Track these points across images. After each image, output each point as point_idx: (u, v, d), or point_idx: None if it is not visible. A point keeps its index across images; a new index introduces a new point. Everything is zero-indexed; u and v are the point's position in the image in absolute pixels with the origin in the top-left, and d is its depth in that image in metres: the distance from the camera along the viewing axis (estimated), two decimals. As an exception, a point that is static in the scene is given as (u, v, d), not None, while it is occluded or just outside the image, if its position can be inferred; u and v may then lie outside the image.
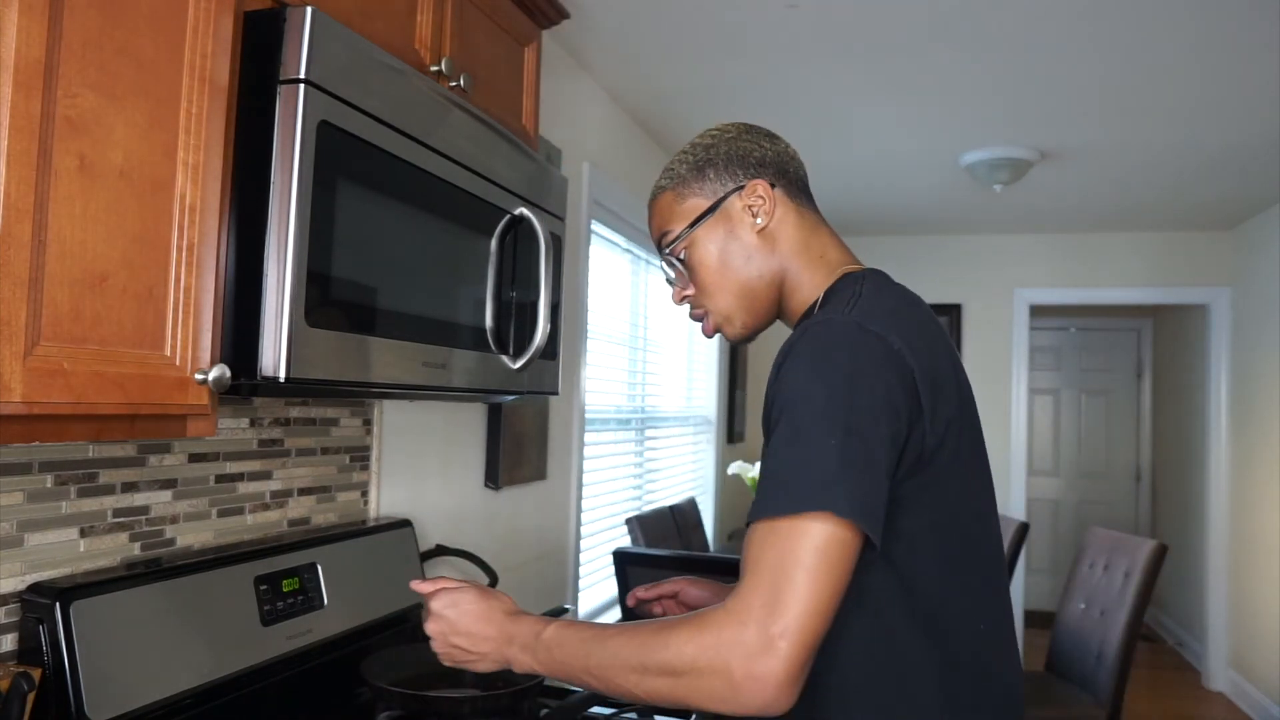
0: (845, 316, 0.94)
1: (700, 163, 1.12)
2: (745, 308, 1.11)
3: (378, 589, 1.62)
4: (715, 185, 1.10)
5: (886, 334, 0.92)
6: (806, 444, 0.87)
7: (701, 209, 1.10)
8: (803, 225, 1.11)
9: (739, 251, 1.09)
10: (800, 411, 0.89)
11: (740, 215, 1.09)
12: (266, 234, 0.99)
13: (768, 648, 0.82)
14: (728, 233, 1.09)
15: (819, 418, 0.88)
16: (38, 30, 0.77)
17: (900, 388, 0.91)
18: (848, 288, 1.03)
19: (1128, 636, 2.90)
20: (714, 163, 1.11)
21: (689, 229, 1.10)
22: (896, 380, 0.91)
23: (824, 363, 0.90)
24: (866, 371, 0.90)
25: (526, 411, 2.39)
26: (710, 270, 1.10)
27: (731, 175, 1.10)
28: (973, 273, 5.24)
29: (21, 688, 0.98)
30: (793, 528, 0.85)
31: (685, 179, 1.12)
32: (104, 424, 0.89)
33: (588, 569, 3.02)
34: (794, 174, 1.13)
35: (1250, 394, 4.61)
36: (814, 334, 0.93)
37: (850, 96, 2.97)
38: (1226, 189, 4.02)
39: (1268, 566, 4.35)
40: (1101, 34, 2.41)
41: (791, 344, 0.94)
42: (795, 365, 0.92)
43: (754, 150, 1.12)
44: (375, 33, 1.24)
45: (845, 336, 0.92)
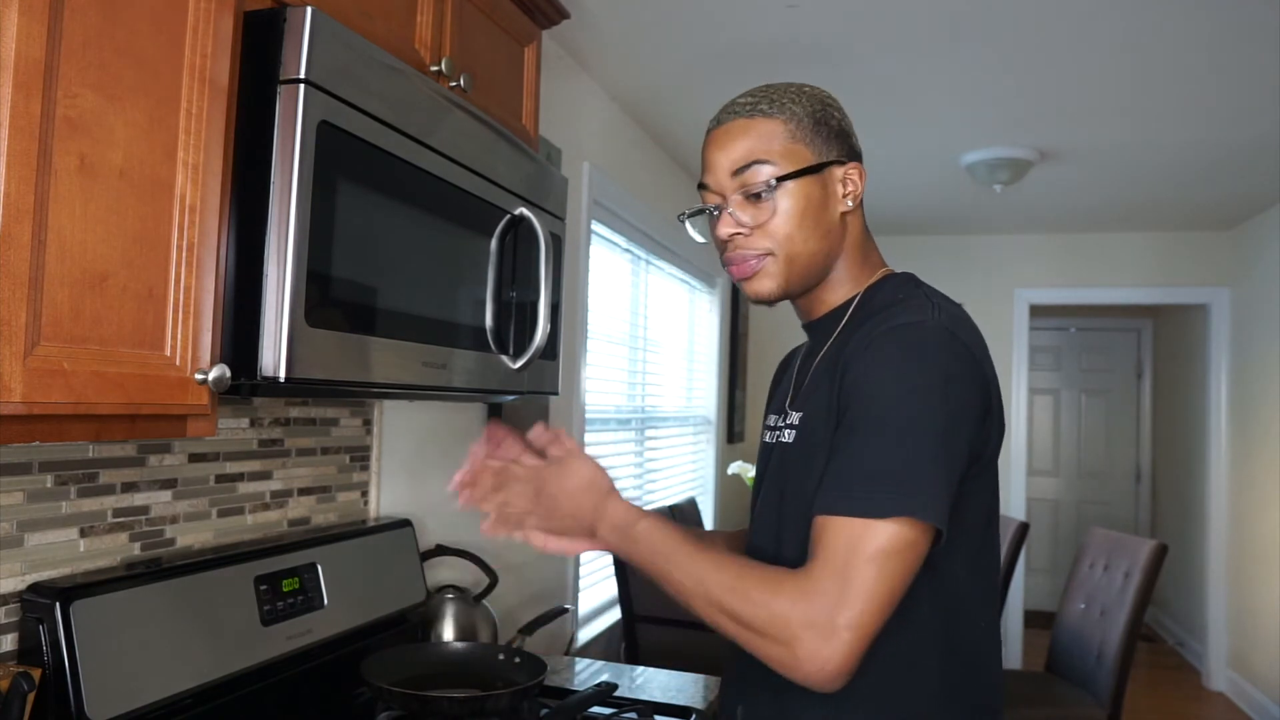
0: (936, 321, 0.97)
1: (819, 117, 1.08)
2: (799, 271, 1.08)
3: (378, 589, 1.62)
4: (825, 148, 1.07)
5: (970, 342, 0.97)
6: (899, 443, 0.90)
7: (808, 161, 1.06)
8: (863, 221, 1.13)
9: (824, 221, 1.07)
10: (894, 408, 0.92)
11: (834, 189, 1.08)
12: (266, 234, 0.99)
13: (832, 634, 0.86)
14: (822, 196, 1.06)
15: (915, 419, 0.91)
16: (38, 30, 0.77)
17: (980, 395, 0.96)
18: (908, 291, 1.06)
19: (1128, 636, 2.90)
20: (830, 125, 1.08)
21: (796, 174, 1.05)
22: (978, 388, 0.96)
23: (921, 364, 0.93)
24: (959, 377, 0.94)
25: (526, 411, 2.39)
26: (794, 222, 1.05)
27: (840, 146, 1.08)
28: (973, 273, 5.24)
29: (21, 688, 0.98)
30: (872, 529, 0.88)
31: (802, 123, 1.07)
32: (104, 424, 0.89)
33: (588, 569, 3.02)
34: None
35: (1250, 394, 4.61)
36: (908, 334, 0.95)
37: (850, 96, 2.96)
38: (1226, 189, 4.02)
39: (1268, 566, 4.35)
40: (1102, 34, 2.41)
41: (874, 338, 0.96)
42: (887, 359, 0.94)
43: (853, 135, 1.12)
44: (375, 33, 1.24)
45: (940, 341, 0.95)
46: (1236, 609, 4.77)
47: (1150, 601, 3.04)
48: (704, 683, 1.81)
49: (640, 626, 2.73)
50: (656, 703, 1.66)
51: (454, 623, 1.79)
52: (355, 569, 1.57)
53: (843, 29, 2.44)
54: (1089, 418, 6.77)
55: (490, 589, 1.89)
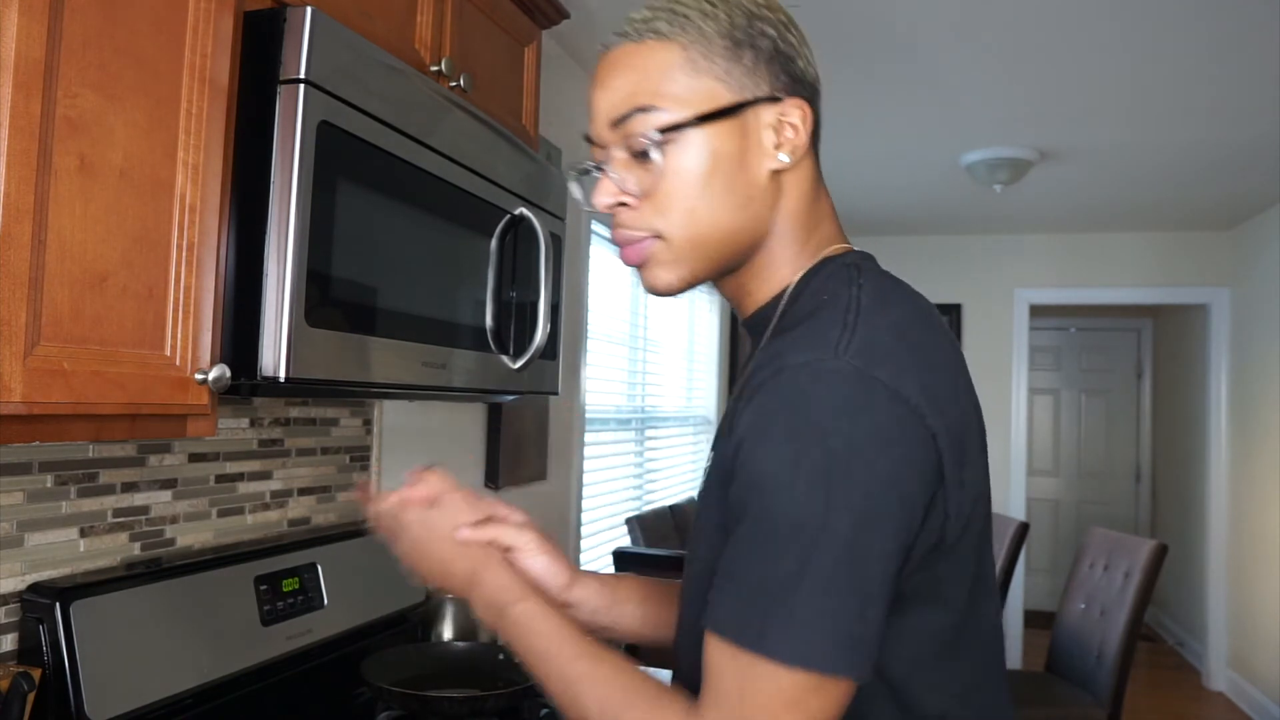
0: (839, 359, 0.66)
1: (739, 35, 0.76)
2: (706, 257, 0.78)
3: (378, 589, 1.62)
4: (745, 79, 0.76)
5: (899, 382, 0.66)
6: (790, 555, 0.64)
7: (719, 103, 0.75)
8: (814, 182, 0.82)
9: (741, 184, 0.76)
10: (779, 503, 0.65)
11: (759, 139, 0.77)
12: (266, 234, 0.99)
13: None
14: (737, 152, 0.76)
15: (802, 524, 0.64)
16: (38, 30, 0.77)
17: (917, 465, 0.66)
18: (838, 292, 0.74)
19: (1128, 636, 2.90)
20: (756, 46, 0.76)
21: (694, 122, 0.75)
22: (913, 455, 0.66)
23: (811, 437, 0.64)
24: (870, 450, 0.64)
25: (526, 411, 2.39)
26: (694, 189, 0.75)
27: (771, 77, 0.77)
28: (973, 273, 5.24)
29: (21, 688, 0.98)
30: (764, 670, 0.64)
31: (710, 45, 0.75)
32: (104, 424, 0.89)
33: (588, 569, 3.02)
34: (818, 111, 0.82)
35: (1250, 394, 4.61)
36: (796, 387, 0.66)
37: (850, 96, 2.96)
38: (1226, 189, 4.02)
39: (1268, 566, 4.35)
40: (1102, 34, 2.41)
41: (761, 387, 0.68)
42: (770, 432, 0.66)
43: (799, 56, 0.79)
44: (375, 33, 1.24)
45: (842, 395, 0.65)
46: (1236, 609, 4.77)
47: (1150, 601, 3.04)
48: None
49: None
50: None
51: (454, 623, 1.79)
52: (355, 569, 1.57)
53: (843, 29, 2.44)
54: (1089, 418, 6.77)
55: (490, 589, 1.88)
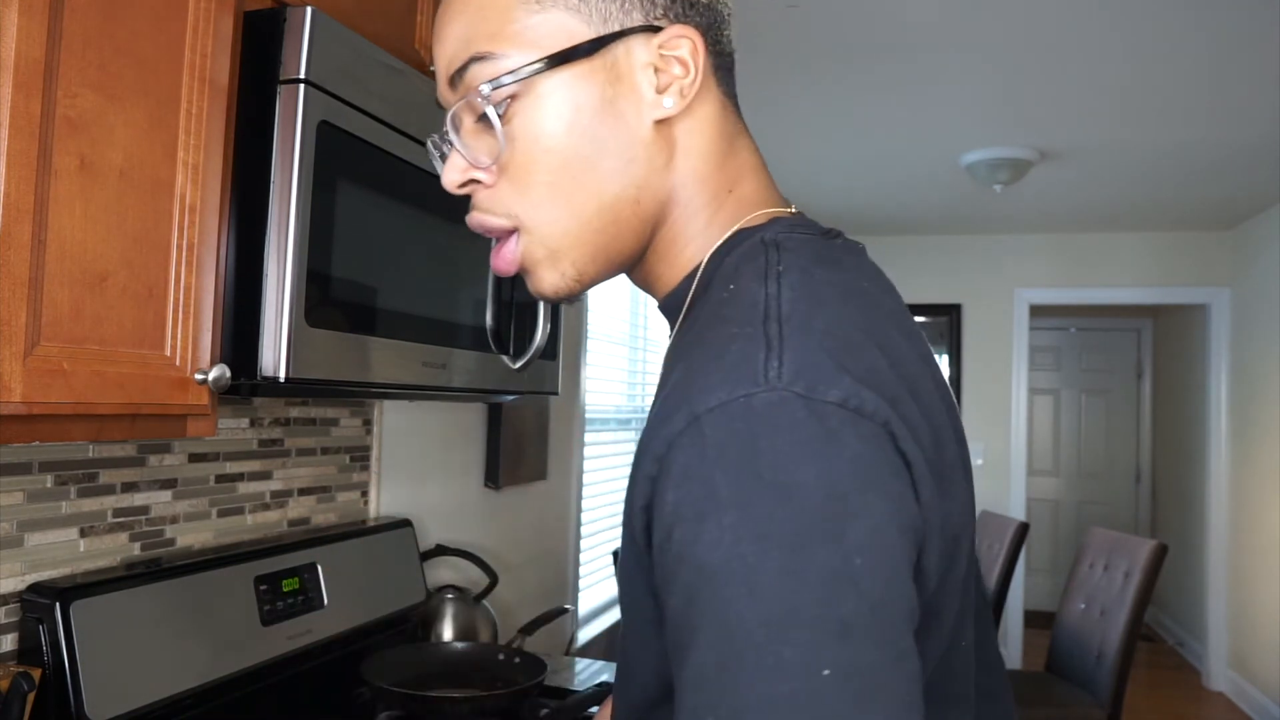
0: (774, 389, 0.48)
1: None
2: (591, 242, 0.62)
3: (378, 589, 1.62)
4: (612, 7, 0.60)
5: (856, 395, 0.49)
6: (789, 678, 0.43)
7: (574, 39, 0.59)
8: (722, 129, 0.64)
9: (616, 140, 0.60)
10: (750, 612, 0.44)
11: (637, 79, 0.60)
12: (266, 234, 0.99)
13: None
14: (605, 101, 0.59)
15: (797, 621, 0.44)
16: (38, 30, 0.77)
17: (898, 495, 0.48)
18: (748, 288, 0.56)
19: (1128, 636, 2.90)
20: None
21: (536, 67, 0.58)
22: (900, 484, 0.49)
23: (772, 499, 0.46)
24: (855, 492, 0.46)
25: (526, 411, 2.39)
26: (551, 157, 0.59)
27: (643, 1, 0.60)
28: (973, 273, 5.24)
29: (21, 688, 0.98)
30: None
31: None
32: (104, 424, 0.89)
33: (588, 569, 3.02)
34: (728, 41, 0.65)
35: (1250, 394, 4.61)
36: (727, 439, 0.47)
37: (850, 96, 2.97)
38: (1226, 189, 4.02)
39: (1268, 566, 4.35)
40: (1102, 34, 2.41)
41: (674, 451, 0.49)
42: (708, 508, 0.47)
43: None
44: (375, 33, 1.24)
45: (795, 434, 0.47)
46: (1236, 609, 4.77)
47: (1150, 601, 3.04)
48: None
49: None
50: (656, 703, 1.65)
51: (454, 623, 1.79)
52: (355, 569, 1.57)
53: (842, 29, 2.44)
54: (1089, 418, 6.77)
55: (490, 589, 1.89)
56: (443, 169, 0.63)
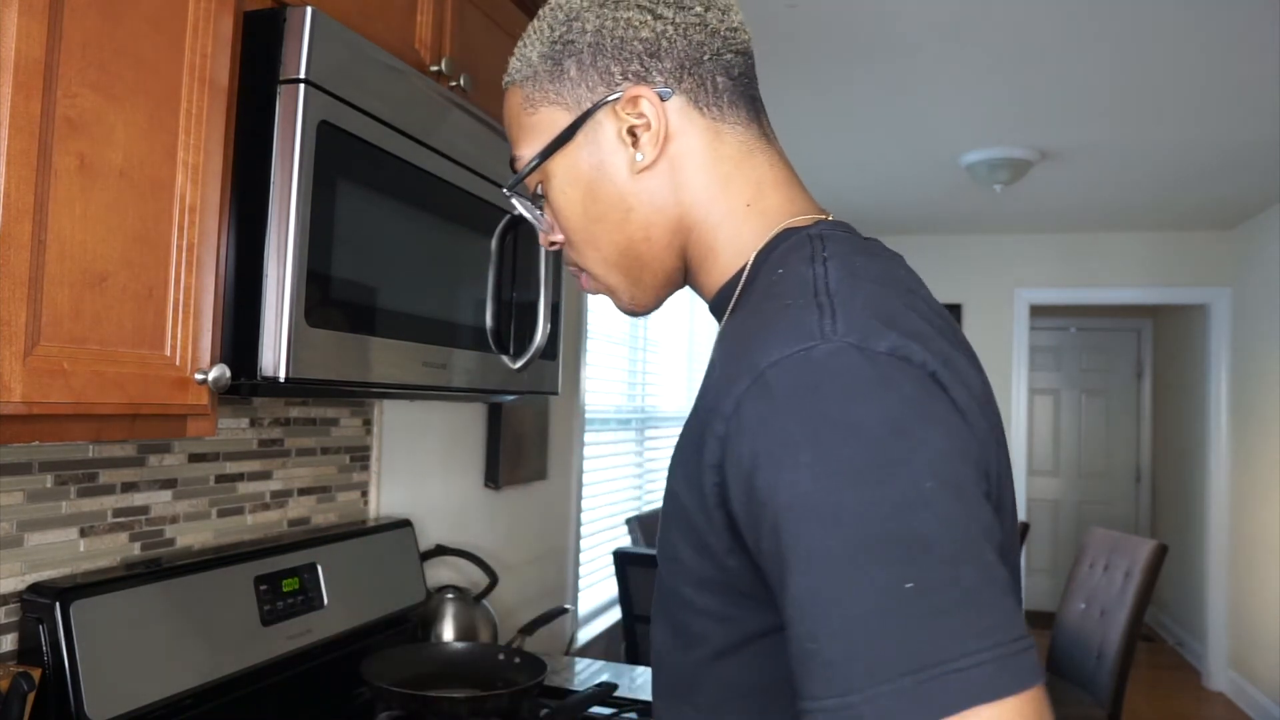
0: (830, 340, 0.54)
1: (557, 48, 0.71)
2: (629, 277, 0.75)
3: (378, 589, 1.62)
4: (577, 90, 0.71)
5: (904, 346, 0.54)
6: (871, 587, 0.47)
7: (559, 126, 0.72)
8: (719, 154, 0.71)
9: (612, 197, 0.71)
10: (840, 536, 0.49)
11: (614, 143, 0.70)
12: (266, 234, 0.99)
13: None
14: (595, 168, 0.71)
15: (882, 539, 0.48)
16: (38, 30, 0.77)
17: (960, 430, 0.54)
18: (796, 270, 0.62)
19: (1128, 636, 2.90)
20: (576, 49, 0.70)
21: (539, 159, 0.73)
22: (952, 422, 0.54)
23: (840, 435, 0.51)
24: (915, 425, 0.51)
25: (526, 411, 2.39)
26: (574, 221, 0.74)
27: (602, 75, 0.70)
28: (973, 273, 5.24)
29: (21, 688, 0.98)
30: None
31: (537, 74, 0.73)
32: (104, 424, 0.89)
33: (588, 569, 3.02)
34: (711, 63, 0.71)
35: (1250, 394, 4.61)
36: (792, 385, 0.53)
37: (850, 96, 2.97)
38: (1226, 189, 4.02)
39: (1268, 566, 4.35)
40: (1102, 34, 2.41)
41: (743, 407, 0.54)
42: (782, 451, 0.52)
43: (643, 26, 0.69)
44: (375, 33, 1.24)
45: (854, 377, 0.52)
46: (1236, 609, 4.77)
47: (1150, 601, 3.04)
48: (704, 683, 1.80)
49: (640, 626, 2.73)
50: (656, 703, 1.65)
51: (454, 623, 1.79)
52: (355, 569, 1.57)
53: (842, 29, 2.44)
54: (1089, 418, 6.77)
55: (490, 589, 1.89)
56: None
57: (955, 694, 0.45)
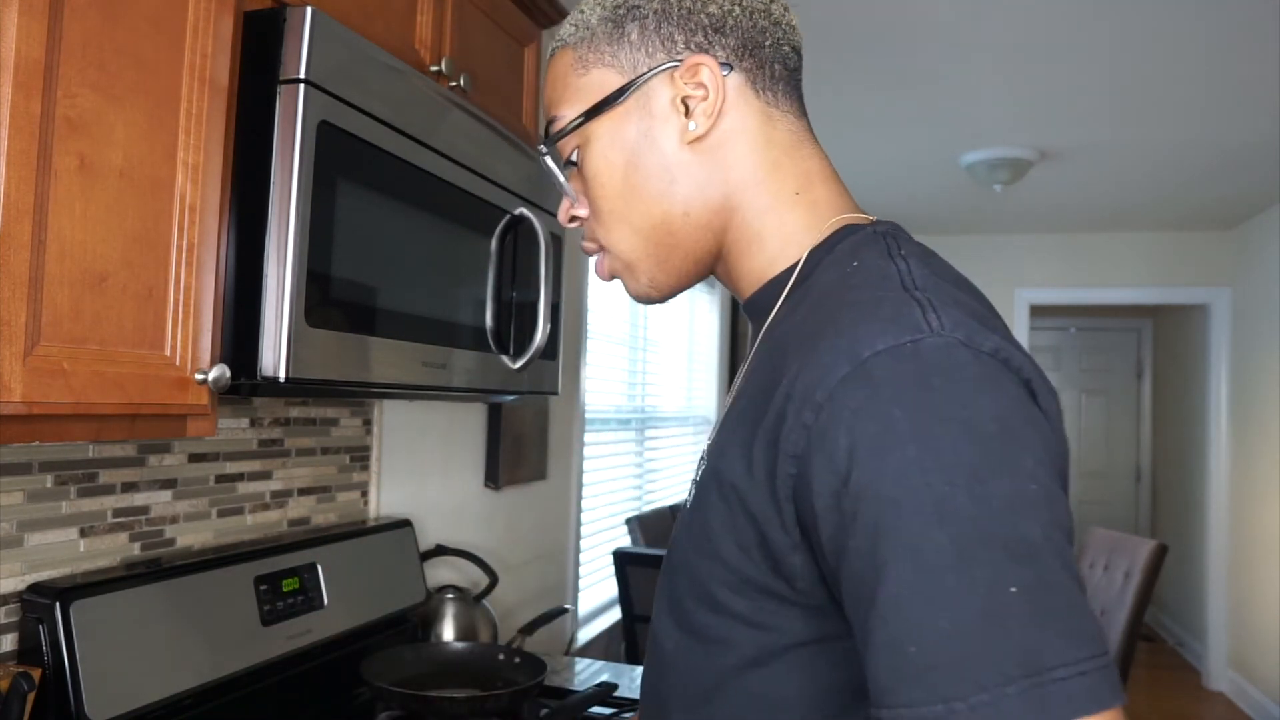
0: (938, 335, 0.53)
1: (620, 11, 0.70)
2: (657, 257, 0.71)
3: (378, 589, 1.62)
4: (636, 54, 0.69)
5: (1005, 349, 0.54)
6: (974, 590, 0.47)
7: (609, 89, 0.70)
8: (771, 138, 0.70)
9: (656, 167, 0.69)
10: (945, 528, 0.48)
11: (667, 110, 0.69)
12: (266, 234, 0.99)
13: None
14: (642, 134, 0.69)
15: (987, 536, 0.48)
16: (38, 30, 0.77)
17: (1049, 439, 0.54)
18: (877, 265, 0.61)
19: (1128, 636, 2.90)
20: (641, 15, 0.69)
21: (584, 118, 0.70)
22: (1045, 428, 0.54)
23: (951, 428, 0.50)
24: (1020, 427, 0.51)
25: (526, 411, 2.39)
26: (610, 190, 0.71)
27: (665, 42, 0.69)
28: (973, 273, 5.14)
29: (21, 688, 0.98)
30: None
31: (594, 35, 0.71)
32: (104, 424, 0.89)
33: (588, 569, 3.02)
34: (772, 51, 0.70)
35: (1250, 394, 4.61)
36: (901, 375, 0.52)
37: (850, 97, 2.97)
38: (1226, 189, 4.02)
39: (1268, 566, 4.35)
40: (1102, 34, 2.41)
41: (842, 391, 0.53)
42: (888, 438, 0.50)
43: (709, 2, 0.69)
44: (375, 33, 1.24)
45: (966, 372, 0.52)
46: (1236, 609, 4.77)
47: (1150, 601, 3.04)
48: (704, 683, 1.80)
49: (640, 626, 2.73)
50: (656, 703, 1.65)
51: (454, 623, 1.79)
52: (355, 569, 1.57)
53: (842, 28, 2.44)
54: (1089, 418, 6.77)
55: (490, 589, 1.89)
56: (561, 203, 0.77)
57: (1060, 704, 0.45)
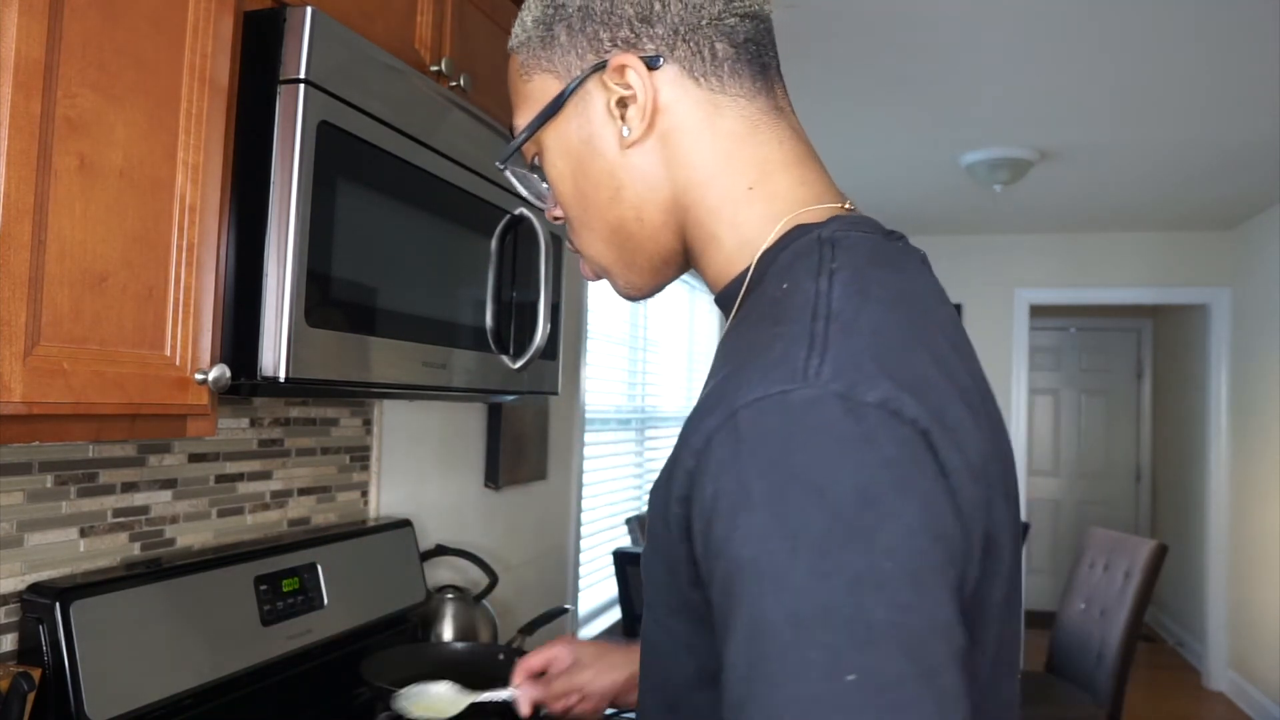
0: (812, 386, 0.48)
1: (549, 12, 0.66)
2: (622, 260, 0.69)
3: (378, 589, 1.62)
4: (567, 56, 0.65)
5: (895, 398, 0.48)
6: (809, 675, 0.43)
7: (550, 94, 0.67)
8: (718, 129, 0.64)
9: (601, 173, 0.66)
10: (779, 606, 0.45)
11: (603, 115, 0.65)
12: (266, 234, 0.99)
13: None
14: (584, 141, 0.66)
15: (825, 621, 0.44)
16: (38, 30, 0.77)
17: (938, 505, 0.48)
18: (800, 284, 0.56)
19: (1128, 636, 2.90)
20: (565, 14, 0.65)
21: (529, 130, 0.68)
22: (932, 494, 0.48)
23: (804, 497, 0.46)
24: (888, 495, 0.46)
25: (526, 411, 2.39)
26: (567, 197, 0.69)
27: (591, 41, 0.64)
28: (973, 273, 5.24)
29: (21, 688, 0.98)
30: None
31: (530, 39, 0.68)
32: (104, 424, 0.89)
33: (588, 569, 3.02)
34: (710, 28, 0.64)
35: (1250, 394, 4.61)
36: (763, 433, 0.48)
37: (850, 96, 2.96)
38: (1226, 189, 4.02)
39: (1268, 566, 4.35)
40: (1102, 34, 2.41)
41: (713, 443, 0.50)
42: (743, 502, 0.47)
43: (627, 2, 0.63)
44: (375, 33, 1.24)
45: (831, 433, 0.47)
46: (1236, 609, 4.77)
47: (1150, 601, 3.04)
48: (704, 683, 1.80)
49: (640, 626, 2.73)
50: (656, 703, 1.65)
51: (454, 623, 1.79)
52: (355, 569, 1.57)
53: (841, 29, 2.44)
54: (1089, 418, 6.77)
55: (490, 589, 1.89)
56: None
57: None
